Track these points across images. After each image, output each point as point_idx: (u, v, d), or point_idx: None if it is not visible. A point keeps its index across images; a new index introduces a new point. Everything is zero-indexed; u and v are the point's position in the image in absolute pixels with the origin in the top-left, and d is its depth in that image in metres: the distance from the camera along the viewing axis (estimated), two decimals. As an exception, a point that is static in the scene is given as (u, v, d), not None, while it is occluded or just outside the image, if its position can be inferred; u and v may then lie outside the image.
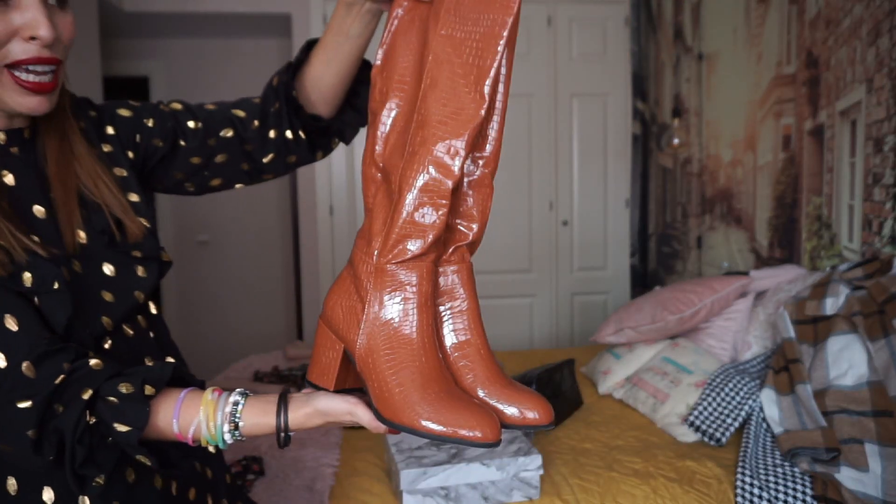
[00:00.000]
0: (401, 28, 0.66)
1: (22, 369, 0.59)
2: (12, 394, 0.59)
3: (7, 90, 0.65)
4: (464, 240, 0.66)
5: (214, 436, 0.64)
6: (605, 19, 3.37)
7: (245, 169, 0.92)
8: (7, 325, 0.61)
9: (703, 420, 1.57)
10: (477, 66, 0.58)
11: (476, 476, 1.20)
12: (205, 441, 0.65)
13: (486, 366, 0.64)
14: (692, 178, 2.93)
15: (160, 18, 3.36)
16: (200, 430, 0.64)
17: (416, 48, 0.65)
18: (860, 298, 1.49)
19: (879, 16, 1.72)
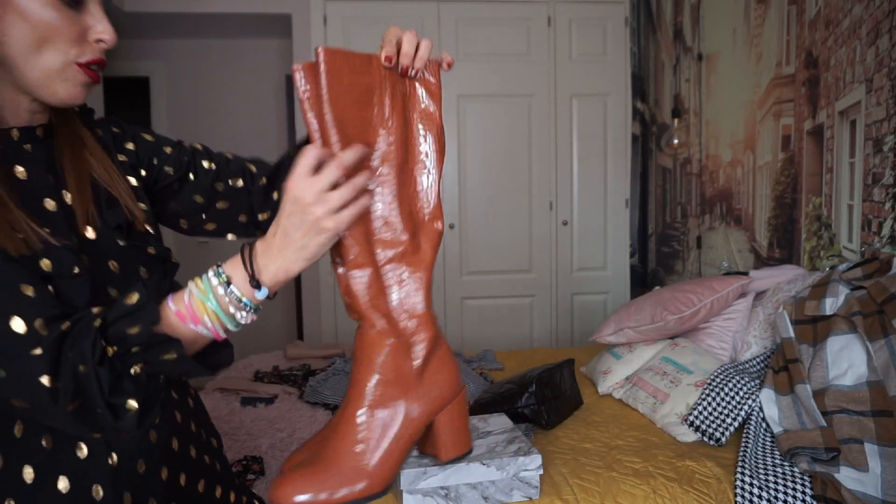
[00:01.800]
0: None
1: (35, 327, 0.61)
2: (26, 348, 0.60)
3: (68, 83, 0.72)
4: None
5: (223, 304, 0.66)
6: (605, 19, 3.38)
7: (242, 221, 0.96)
8: (24, 292, 0.62)
9: (703, 420, 1.57)
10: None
11: (476, 476, 1.20)
12: (214, 316, 0.65)
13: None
14: (692, 178, 2.93)
15: (160, 18, 3.36)
16: (206, 309, 0.65)
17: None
18: (860, 298, 1.49)
19: (879, 16, 1.72)
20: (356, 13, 3.24)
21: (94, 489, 0.69)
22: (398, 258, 0.68)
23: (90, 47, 0.73)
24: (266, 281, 0.65)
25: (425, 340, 0.70)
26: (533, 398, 1.68)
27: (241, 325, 0.68)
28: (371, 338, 0.70)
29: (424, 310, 0.69)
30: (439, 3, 3.28)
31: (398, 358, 0.69)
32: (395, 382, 0.69)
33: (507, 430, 1.36)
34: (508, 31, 3.33)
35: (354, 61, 0.64)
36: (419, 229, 0.69)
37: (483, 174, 3.37)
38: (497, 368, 2.37)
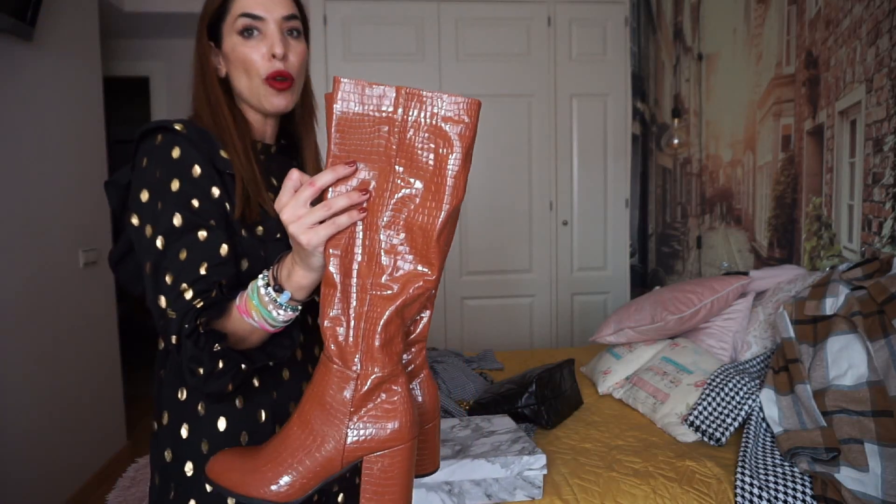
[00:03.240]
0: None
1: (181, 290, 0.76)
2: (171, 307, 0.76)
3: (265, 94, 0.91)
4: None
5: (263, 302, 0.74)
6: (605, 19, 3.38)
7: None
8: (180, 257, 0.78)
9: (703, 420, 1.57)
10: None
11: (480, 472, 1.19)
12: (258, 312, 0.75)
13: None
14: (692, 178, 2.93)
15: (160, 18, 3.36)
16: (252, 305, 0.75)
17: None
18: (860, 298, 1.49)
19: (879, 16, 1.72)
20: (356, 13, 3.24)
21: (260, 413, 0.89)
22: (368, 288, 0.66)
23: (268, 64, 0.90)
24: (285, 286, 0.74)
25: (371, 378, 0.66)
26: (533, 398, 1.68)
27: (283, 321, 0.76)
28: (323, 356, 0.69)
29: (378, 347, 0.66)
30: (439, 3, 3.28)
31: (331, 384, 0.67)
32: (321, 407, 0.67)
33: (511, 431, 1.36)
34: (508, 31, 3.33)
35: (371, 92, 0.65)
36: (399, 268, 0.66)
37: (483, 174, 3.37)
38: (497, 368, 2.37)
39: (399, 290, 0.66)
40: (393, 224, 0.66)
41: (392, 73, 3.26)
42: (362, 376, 0.66)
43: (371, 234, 0.66)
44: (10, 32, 2.11)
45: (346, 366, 0.66)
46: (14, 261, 2.15)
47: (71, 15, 2.60)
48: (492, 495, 1.23)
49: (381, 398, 0.67)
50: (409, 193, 0.66)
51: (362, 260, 0.66)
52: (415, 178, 0.65)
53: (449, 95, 0.65)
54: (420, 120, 0.65)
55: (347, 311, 0.66)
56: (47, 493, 2.28)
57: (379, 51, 3.25)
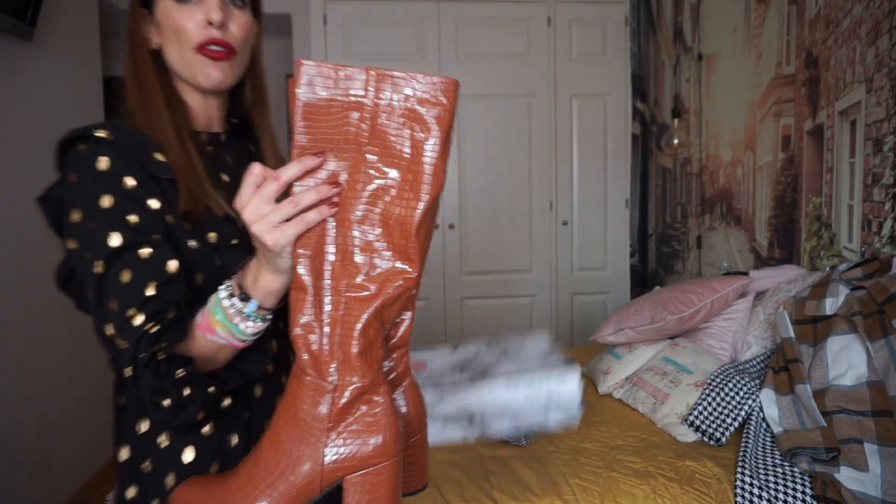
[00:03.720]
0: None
1: (128, 315, 0.68)
2: (120, 336, 0.68)
3: (198, 65, 0.80)
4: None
5: (228, 315, 0.68)
6: (605, 19, 3.38)
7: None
8: (122, 279, 0.69)
9: (703, 420, 1.57)
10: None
11: (501, 398, 1.01)
12: (223, 326, 0.68)
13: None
14: (692, 178, 2.93)
15: (160, 18, 3.35)
16: (216, 320, 0.68)
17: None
18: (860, 298, 1.49)
19: (879, 16, 1.72)
20: (356, 13, 3.24)
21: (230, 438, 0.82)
22: (342, 290, 0.60)
23: (202, 31, 0.80)
24: (251, 293, 0.66)
25: (349, 388, 0.59)
26: (533, 398, 1.68)
27: (253, 334, 0.69)
28: (295, 368, 0.62)
29: (356, 354, 0.59)
30: (439, 3, 3.28)
31: (305, 398, 0.60)
32: (294, 424, 0.60)
33: (544, 354, 1.16)
34: (508, 31, 3.33)
35: (337, 75, 0.59)
36: (378, 266, 0.60)
37: (483, 174, 3.37)
38: (497, 368, 2.37)
39: (377, 290, 0.60)
40: (367, 218, 0.60)
41: (392, 73, 3.25)
42: (340, 387, 0.59)
43: (344, 231, 0.60)
44: (10, 32, 2.11)
45: (322, 377, 0.60)
46: (13, 260, 2.15)
47: (71, 15, 2.60)
48: (520, 423, 1.05)
49: (361, 411, 0.60)
50: (384, 184, 0.60)
51: (335, 259, 0.60)
52: (390, 168, 0.60)
53: (424, 75, 0.58)
54: (393, 103, 0.59)
55: (320, 317, 0.60)
56: (47, 493, 2.28)
57: (379, 51, 3.25)
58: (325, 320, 0.60)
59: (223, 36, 0.80)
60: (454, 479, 1.39)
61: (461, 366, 1.09)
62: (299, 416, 0.60)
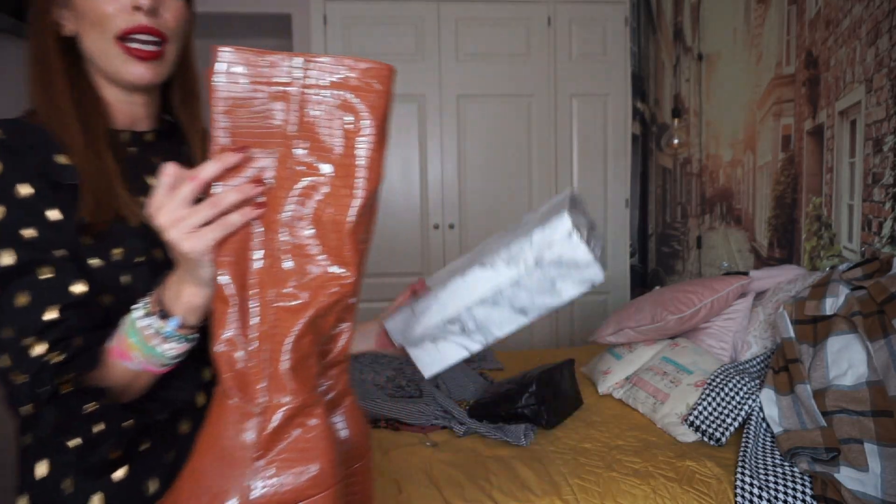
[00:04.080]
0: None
1: (25, 344, 0.60)
2: (17, 368, 0.60)
3: (119, 60, 0.70)
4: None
5: (144, 336, 0.60)
6: (605, 19, 3.38)
7: None
8: (17, 304, 0.62)
9: (703, 420, 1.57)
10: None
11: (483, 287, 0.77)
12: (139, 351, 0.60)
13: None
14: (692, 178, 2.93)
15: (160, 18, 3.35)
16: (131, 343, 0.60)
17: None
18: (860, 298, 1.49)
19: (879, 16, 1.72)
20: (356, 13, 3.24)
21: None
22: (271, 300, 0.53)
23: (126, 17, 0.69)
24: (173, 310, 0.59)
25: (280, 411, 0.52)
26: (533, 398, 1.68)
27: (175, 357, 0.62)
28: (217, 390, 0.55)
29: (287, 371, 0.52)
30: (439, 3, 3.28)
31: (228, 425, 0.52)
32: (217, 455, 0.53)
33: (544, 212, 0.86)
34: (508, 31, 3.33)
35: (259, 62, 0.53)
36: (310, 272, 0.54)
37: (483, 174, 3.37)
38: (497, 368, 2.37)
39: (310, 298, 0.53)
40: (298, 219, 0.54)
41: (392, 73, 3.25)
42: (269, 410, 0.52)
43: (271, 234, 0.54)
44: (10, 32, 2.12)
45: (248, 399, 0.53)
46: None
47: (71, 15, 2.60)
48: (527, 309, 0.78)
49: (293, 436, 0.53)
50: (314, 181, 0.54)
51: (262, 266, 0.54)
52: (321, 162, 0.54)
53: (354, 60, 0.53)
54: (321, 92, 0.53)
55: (246, 331, 0.53)
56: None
57: (379, 51, 3.25)
58: (251, 335, 0.53)
59: (153, 23, 0.69)
60: (454, 479, 1.39)
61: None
62: (222, 445, 0.53)
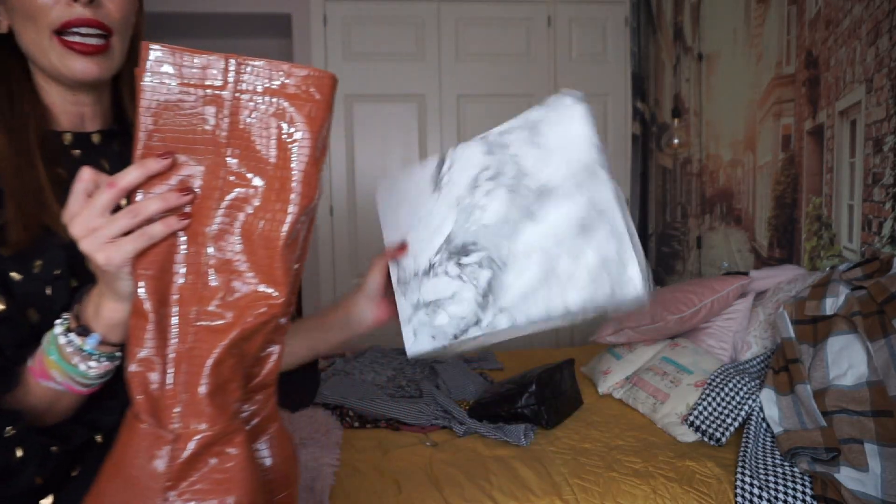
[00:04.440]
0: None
1: None
2: None
3: (58, 55, 0.64)
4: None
5: (64, 354, 0.56)
6: (605, 19, 3.38)
7: None
8: None
9: (703, 420, 1.57)
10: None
11: (532, 328, 0.68)
12: (59, 369, 0.56)
13: None
14: (692, 178, 2.93)
15: (160, 18, 3.36)
16: (51, 362, 0.56)
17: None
18: (860, 298, 1.49)
19: (879, 16, 1.72)
20: (356, 13, 3.24)
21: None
22: (192, 318, 0.50)
23: (64, 9, 0.63)
24: (93, 326, 0.55)
25: (194, 438, 0.48)
26: (533, 398, 1.68)
27: (99, 376, 0.57)
28: (128, 413, 0.51)
29: (205, 396, 0.49)
30: (439, 3, 3.28)
31: (138, 451, 0.49)
32: (124, 483, 0.49)
33: (582, 183, 0.71)
34: (508, 31, 3.33)
35: (191, 63, 0.50)
36: (236, 290, 0.50)
37: (483, 174, 3.36)
38: (497, 368, 2.37)
39: (234, 318, 0.50)
40: (226, 233, 0.51)
41: (392, 73, 3.25)
42: (183, 437, 0.48)
43: (197, 248, 0.50)
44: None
45: (160, 424, 0.49)
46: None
47: (71, 15, 2.60)
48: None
49: (209, 465, 0.49)
50: (245, 193, 0.50)
51: (185, 282, 0.50)
52: (253, 174, 0.50)
53: (292, 66, 0.50)
54: (257, 98, 0.50)
55: (164, 351, 0.50)
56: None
57: (379, 51, 3.25)
58: (169, 355, 0.49)
59: (94, 14, 0.64)
60: (454, 479, 1.39)
61: (458, 251, 0.75)
62: (130, 473, 0.49)
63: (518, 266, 0.69)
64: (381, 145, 3.30)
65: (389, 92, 3.28)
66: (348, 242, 3.31)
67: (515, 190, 0.72)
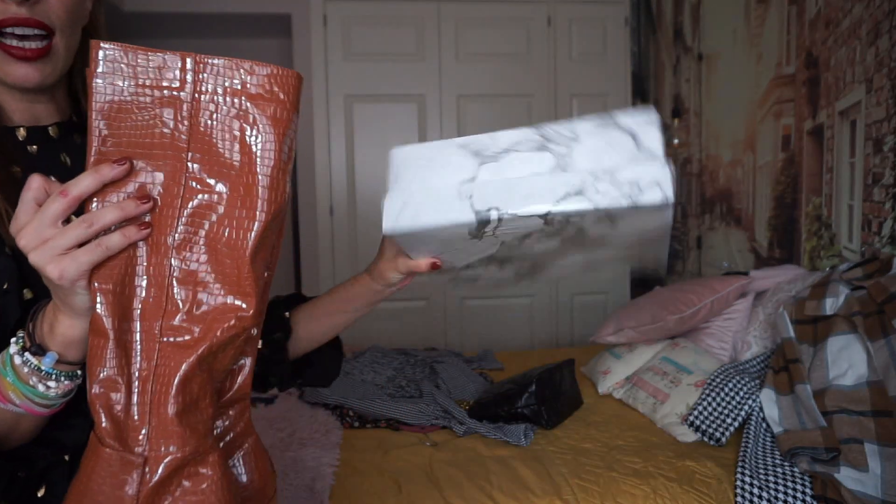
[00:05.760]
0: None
1: None
2: None
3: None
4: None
5: (21, 375, 0.52)
6: (604, 19, 3.38)
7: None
8: None
9: (703, 420, 1.57)
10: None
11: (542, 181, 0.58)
12: (16, 391, 0.53)
13: None
14: (692, 178, 2.93)
15: (160, 18, 3.36)
16: (7, 383, 0.53)
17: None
18: (860, 298, 1.49)
19: (879, 16, 1.72)
20: (356, 13, 3.24)
21: None
22: (157, 334, 0.47)
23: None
24: (48, 343, 0.51)
25: (164, 461, 0.46)
26: (533, 398, 1.68)
27: (59, 396, 0.53)
28: (92, 437, 0.48)
29: (173, 416, 0.46)
30: (439, 3, 3.28)
31: (105, 477, 0.45)
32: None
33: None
34: (508, 31, 3.33)
35: (146, 63, 0.46)
36: (203, 303, 0.48)
37: (483, 174, 3.36)
38: (497, 368, 2.37)
39: (202, 333, 0.47)
40: (189, 243, 0.48)
41: (392, 73, 3.26)
42: (152, 460, 0.46)
43: (158, 259, 0.47)
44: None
45: (127, 448, 0.46)
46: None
47: (71, 15, 2.60)
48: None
49: (182, 488, 0.47)
50: (209, 200, 0.48)
51: (147, 295, 0.47)
52: (216, 179, 0.48)
53: (255, 64, 0.48)
54: (217, 98, 0.47)
55: (127, 370, 0.47)
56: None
57: (379, 51, 3.25)
58: (133, 374, 0.47)
59: (31, 13, 0.58)
60: (454, 479, 1.39)
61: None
62: (96, 500, 0.46)
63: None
64: (381, 145, 3.30)
65: (389, 92, 3.28)
66: (348, 242, 3.31)
67: (570, 241, 0.66)
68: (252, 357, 0.54)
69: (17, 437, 0.55)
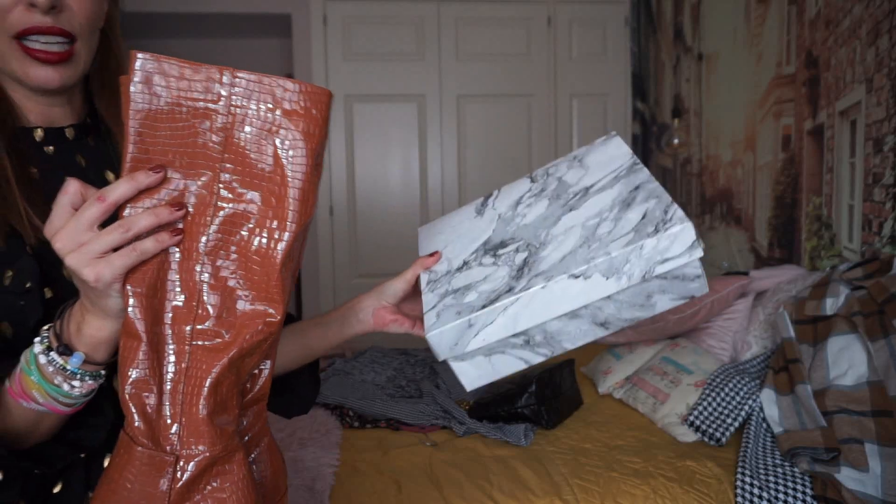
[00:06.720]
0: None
1: None
2: None
3: (18, 61, 0.62)
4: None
5: (45, 374, 0.53)
6: (605, 19, 3.38)
7: None
8: None
9: (703, 420, 1.57)
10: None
11: (571, 302, 0.63)
12: (40, 390, 0.54)
13: None
14: (692, 178, 2.93)
15: (160, 18, 3.36)
16: (31, 382, 0.54)
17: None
18: (860, 298, 1.49)
19: (879, 16, 1.72)
20: (356, 13, 3.24)
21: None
22: (188, 337, 0.48)
23: (22, 15, 0.60)
24: (75, 344, 0.52)
25: (195, 460, 0.47)
26: (533, 398, 1.68)
27: (83, 395, 0.55)
28: (123, 436, 0.49)
29: (204, 417, 0.47)
30: (439, 3, 3.28)
31: (138, 474, 0.47)
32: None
33: (621, 177, 0.71)
34: (508, 31, 3.33)
35: (182, 74, 0.48)
36: (233, 308, 0.49)
37: (483, 174, 3.37)
38: (497, 368, 2.37)
39: (232, 337, 0.49)
40: (221, 250, 0.49)
41: (392, 72, 3.26)
42: (184, 458, 0.47)
43: (190, 265, 0.49)
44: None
45: (160, 447, 0.48)
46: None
47: (71, 15, 2.60)
48: (609, 322, 0.67)
49: (211, 486, 0.48)
50: (241, 209, 0.49)
51: (179, 300, 0.49)
52: (248, 189, 0.49)
53: (290, 81, 0.49)
54: (251, 112, 0.48)
55: (159, 371, 0.48)
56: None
57: (379, 51, 3.25)
58: (166, 375, 0.48)
59: (55, 22, 0.60)
60: (454, 479, 1.39)
61: (494, 247, 0.72)
62: (127, 497, 0.47)
63: (556, 242, 0.68)
64: (381, 145, 3.30)
65: (389, 92, 3.28)
66: (348, 242, 3.31)
67: (557, 197, 0.75)
68: (272, 360, 0.55)
69: (38, 436, 0.56)
